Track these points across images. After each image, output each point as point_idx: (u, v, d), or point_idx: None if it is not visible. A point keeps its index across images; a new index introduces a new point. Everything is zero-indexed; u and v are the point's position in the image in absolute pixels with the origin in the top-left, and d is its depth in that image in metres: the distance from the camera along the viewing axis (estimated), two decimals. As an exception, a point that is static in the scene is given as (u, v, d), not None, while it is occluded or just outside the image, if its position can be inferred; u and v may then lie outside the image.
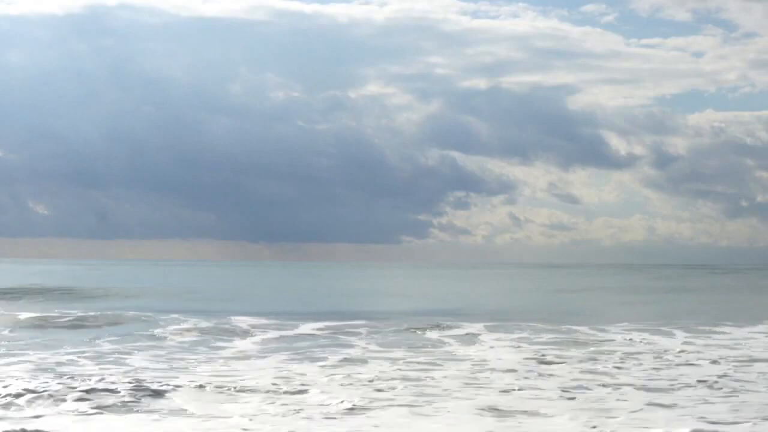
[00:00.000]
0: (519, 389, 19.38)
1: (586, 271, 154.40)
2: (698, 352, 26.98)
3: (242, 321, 37.76)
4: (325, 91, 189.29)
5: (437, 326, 35.40)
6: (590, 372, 22.27)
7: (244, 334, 32.76)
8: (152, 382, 19.60)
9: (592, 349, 27.70)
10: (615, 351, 26.99)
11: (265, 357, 25.50)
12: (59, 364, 23.22)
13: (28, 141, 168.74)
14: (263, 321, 37.95)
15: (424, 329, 34.55)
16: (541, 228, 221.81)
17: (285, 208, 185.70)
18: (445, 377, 21.20)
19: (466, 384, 20.15)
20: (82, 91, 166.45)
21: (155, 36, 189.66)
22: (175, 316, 40.17)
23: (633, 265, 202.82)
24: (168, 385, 19.39)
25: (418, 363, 23.84)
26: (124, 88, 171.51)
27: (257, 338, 31.36)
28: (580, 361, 24.41)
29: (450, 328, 34.88)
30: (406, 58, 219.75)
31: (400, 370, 22.43)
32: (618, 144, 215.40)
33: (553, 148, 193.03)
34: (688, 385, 20.03)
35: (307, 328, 34.92)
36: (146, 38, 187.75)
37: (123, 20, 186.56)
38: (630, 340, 30.54)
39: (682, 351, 27.08)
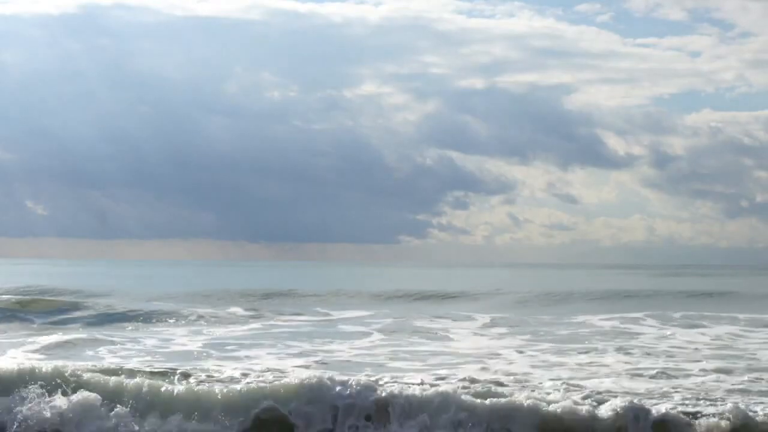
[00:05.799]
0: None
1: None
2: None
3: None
4: (321, 91, 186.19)
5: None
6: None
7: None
8: None
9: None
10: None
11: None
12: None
13: (24, 141, 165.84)
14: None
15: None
16: (541, 228, 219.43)
17: (283, 208, 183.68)
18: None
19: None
20: (77, 91, 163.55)
21: (150, 35, 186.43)
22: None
23: (637, 265, 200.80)
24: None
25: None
26: (120, 87, 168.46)
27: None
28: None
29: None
30: (402, 57, 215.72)
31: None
32: (616, 144, 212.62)
33: (552, 147, 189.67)
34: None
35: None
36: (141, 37, 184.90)
37: (118, 19, 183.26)
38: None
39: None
